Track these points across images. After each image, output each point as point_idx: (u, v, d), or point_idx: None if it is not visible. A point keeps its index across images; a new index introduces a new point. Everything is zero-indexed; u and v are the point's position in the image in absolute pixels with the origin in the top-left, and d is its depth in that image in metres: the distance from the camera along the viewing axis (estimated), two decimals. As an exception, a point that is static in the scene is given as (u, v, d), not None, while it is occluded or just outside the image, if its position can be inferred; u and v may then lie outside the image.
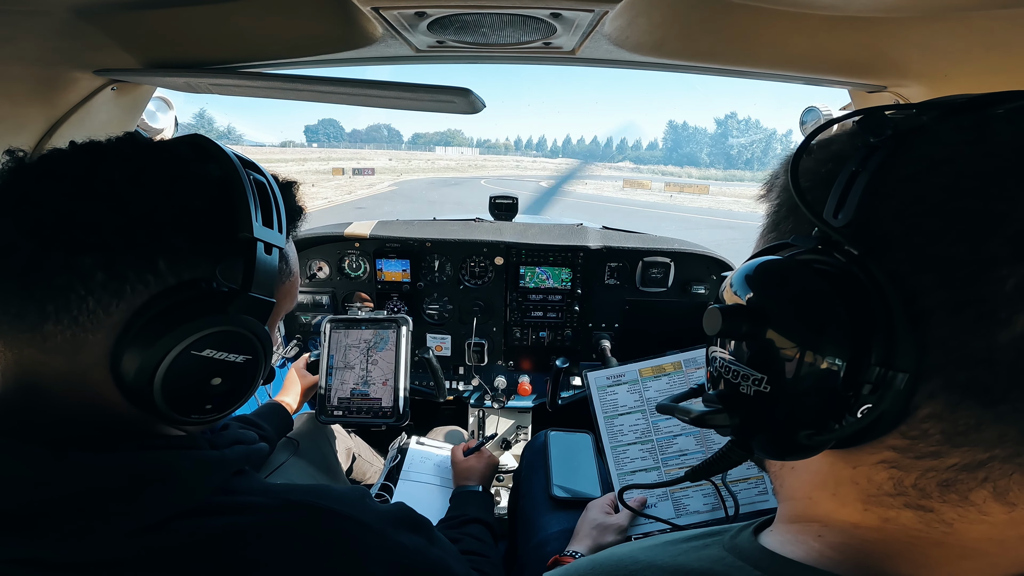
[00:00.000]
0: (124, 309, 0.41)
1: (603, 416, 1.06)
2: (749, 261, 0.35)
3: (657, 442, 1.03)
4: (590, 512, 0.96)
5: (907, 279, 0.27)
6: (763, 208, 0.40)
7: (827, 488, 0.34)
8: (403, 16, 0.68)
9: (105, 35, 0.75)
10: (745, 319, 0.32)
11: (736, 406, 0.34)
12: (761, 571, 0.33)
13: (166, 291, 0.42)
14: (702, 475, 0.49)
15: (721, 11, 0.68)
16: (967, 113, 0.30)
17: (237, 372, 0.47)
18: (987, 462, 0.27)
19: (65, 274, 0.39)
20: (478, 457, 1.24)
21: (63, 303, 0.40)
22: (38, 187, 0.42)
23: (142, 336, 0.41)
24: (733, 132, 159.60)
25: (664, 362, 1.07)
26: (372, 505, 0.56)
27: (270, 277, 0.48)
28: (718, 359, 0.36)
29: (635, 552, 0.39)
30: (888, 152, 0.30)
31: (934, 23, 0.66)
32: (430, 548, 0.59)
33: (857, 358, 0.28)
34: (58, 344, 0.41)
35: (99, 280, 0.40)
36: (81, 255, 0.39)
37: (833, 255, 0.30)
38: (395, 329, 1.28)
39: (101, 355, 0.42)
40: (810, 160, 0.35)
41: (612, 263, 1.81)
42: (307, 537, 0.47)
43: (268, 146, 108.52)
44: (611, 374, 1.09)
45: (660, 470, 1.01)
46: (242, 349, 0.46)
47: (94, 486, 0.41)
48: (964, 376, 0.26)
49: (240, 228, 0.46)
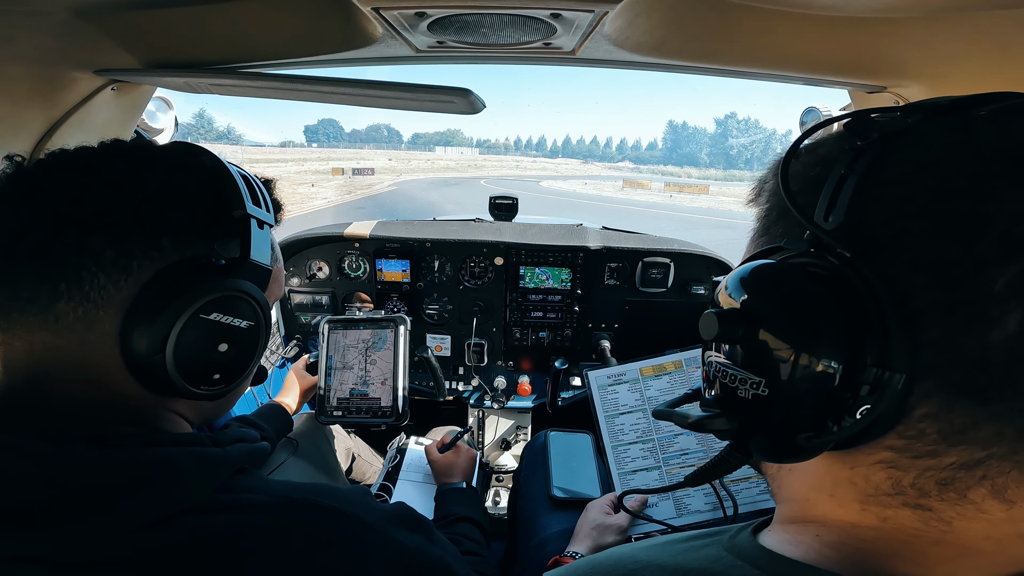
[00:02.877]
0: (132, 284, 0.44)
1: (604, 415, 1.06)
2: (743, 265, 0.35)
3: (658, 441, 1.03)
4: (590, 512, 0.96)
5: (899, 280, 0.28)
6: (753, 212, 0.40)
7: (825, 489, 0.34)
8: (403, 16, 0.68)
9: (105, 35, 0.75)
10: (741, 323, 0.32)
11: (734, 410, 0.34)
12: (760, 570, 0.33)
13: (170, 267, 0.45)
14: (701, 480, 0.49)
15: (721, 11, 0.68)
16: (952, 115, 0.30)
17: (242, 338, 0.50)
18: (985, 460, 0.27)
19: (77, 253, 0.42)
20: (456, 452, 1.22)
21: (75, 280, 0.42)
22: (48, 178, 0.45)
23: (151, 308, 0.44)
24: (733, 132, 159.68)
25: (665, 361, 1.07)
26: (373, 504, 0.56)
27: (265, 250, 0.52)
28: (715, 363, 0.36)
29: (635, 552, 0.39)
30: (875, 154, 0.30)
31: (934, 23, 0.66)
32: (430, 547, 0.59)
33: (853, 359, 0.28)
34: (70, 323, 0.43)
35: (109, 257, 0.43)
36: (92, 234, 0.42)
37: (825, 258, 0.30)
38: (393, 329, 1.28)
39: (112, 332, 0.44)
40: (799, 164, 0.35)
41: (612, 263, 1.81)
42: (308, 535, 0.47)
43: (268, 146, 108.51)
44: (611, 373, 1.09)
45: (661, 469, 1.01)
46: (246, 314, 0.50)
47: (98, 482, 0.41)
48: (958, 376, 0.26)
49: (234, 207, 0.50)
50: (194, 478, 0.45)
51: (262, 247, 0.52)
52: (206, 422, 0.55)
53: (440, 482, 1.17)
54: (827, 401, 0.29)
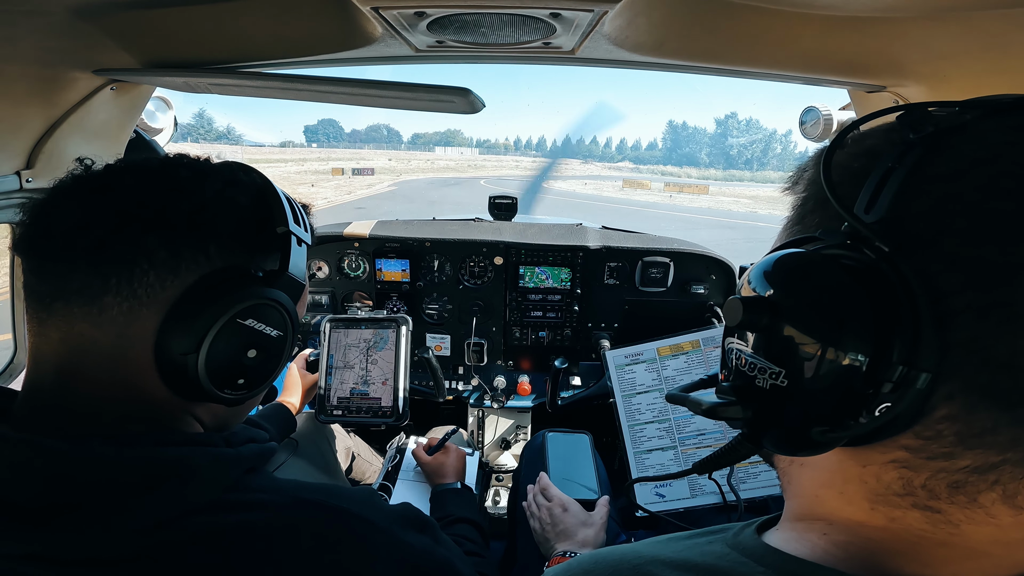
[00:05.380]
0: (177, 286, 0.46)
1: (621, 395, 1.06)
2: (773, 253, 0.34)
3: (674, 421, 1.03)
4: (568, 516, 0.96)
5: (935, 279, 0.27)
6: (788, 200, 0.39)
7: (834, 486, 0.34)
8: (403, 16, 0.68)
9: (104, 35, 0.75)
10: (767, 311, 0.31)
11: (750, 399, 0.34)
12: (765, 567, 0.33)
13: (214, 272, 0.47)
14: (710, 467, 0.48)
15: (721, 11, 0.68)
16: (1011, 114, 0.30)
17: (271, 346, 0.52)
18: (999, 465, 0.27)
19: (133, 250, 0.44)
20: (445, 452, 1.22)
21: (127, 276, 0.44)
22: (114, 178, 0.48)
23: (193, 309, 0.46)
24: (733, 132, 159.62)
25: (682, 341, 1.06)
26: (380, 504, 0.56)
27: (301, 266, 0.55)
28: (735, 350, 0.35)
29: (638, 548, 0.39)
30: (927, 149, 0.30)
31: (934, 23, 0.66)
32: (437, 548, 0.59)
33: (879, 356, 0.28)
34: (113, 316, 0.44)
35: (161, 257, 0.45)
36: (149, 234, 0.45)
37: (861, 251, 0.30)
38: (395, 329, 1.28)
39: (151, 329, 0.46)
40: (843, 155, 0.34)
41: (611, 263, 1.81)
42: (316, 535, 0.47)
43: (268, 146, 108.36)
44: (629, 353, 1.09)
45: (677, 449, 1.01)
46: (277, 324, 0.52)
47: (112, 479, 0.41)
48: (985, 379, 0.26)
49: (277, 223, 0.53)
50: (207, 477, 0.45)
51: (299, 263, 0.55)
52: (219, 430, 0.56)
53: (434, 483, 1.17)
54: (847, 396, 0.29)
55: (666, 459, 1.00)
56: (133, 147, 1.12)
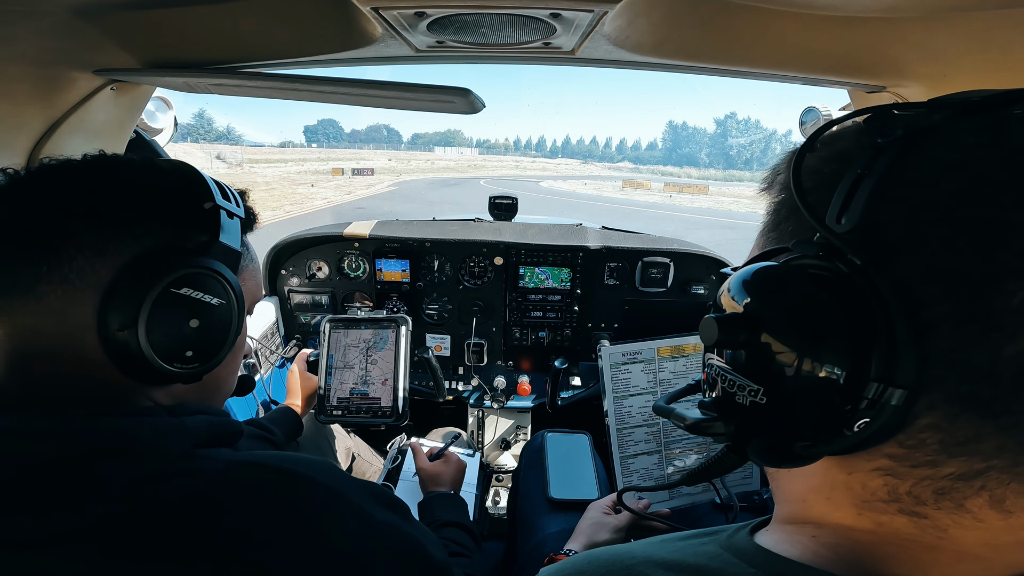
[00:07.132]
0: (109, 267, 0.47)
1: (612, 396, 1.02)
2: (747, 267, 0.34)
3: (663, 426, 1.01)
4: (589, 512, 0.96)
5: (912, 290, 0.26)
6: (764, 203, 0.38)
7: (822, 492, 0.34)
8: (403, 16, 0.68)
9: (104, 35, 0.75)
10: (742, 330, 0.31)
11: (731, 415, 0.34)
12: (756, 568, 0.33)
13: (146, 252, 0.49)
14: (697, 479, 0.49)
15: (721, 11, 0.68)
16: (983, 113, 0.28)
17: (213, 314, 0.53)
18: (985, 472, 0.27)
19: (59, 236, 0.46)
20: (445, 461, 1.18)
21: (55, 262, 0.45)
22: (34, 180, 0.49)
23: (126, 286, 0.47)
24: (732, 132, 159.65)
25: (684, 342, 1.03)
26: (345, 476, 0.55)
27: (235, 236, 0.56)
28: (715, 367, 0.35)
29: (632, 548, 0.39)
30: (896, 154, 0.29)
31: (933, 23, 0.66)
32: (404, 525, 0.57)
33: (856, 372, 0.27)
34: (50, 303, 0.45)
35: (87, 240, 0.46)
36: (73, 219, 0.46)
37: (835, 263, 0.29)
38: (394, 329, 1.28)
39: (90, 312, 0.46)
40: (814, 158, 0.33)
41: (611, 263, 1.81)
42: (276, 498, 0.47)
43: (267, 146, 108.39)
44: (627, 351, 1.05)
45: (661, 453, 1.00)
46: (216, 292, 0.53)
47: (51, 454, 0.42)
48: (966, 389, 0.26)
49: (204, 199, 0.54)
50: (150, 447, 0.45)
51: (232, 234, 0.56)
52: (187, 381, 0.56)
53: (427, 490, 1.13)
54: (826, 412, 0.29)
55: (650, 463, 0.99)
56: (133, 147, 1.12)
